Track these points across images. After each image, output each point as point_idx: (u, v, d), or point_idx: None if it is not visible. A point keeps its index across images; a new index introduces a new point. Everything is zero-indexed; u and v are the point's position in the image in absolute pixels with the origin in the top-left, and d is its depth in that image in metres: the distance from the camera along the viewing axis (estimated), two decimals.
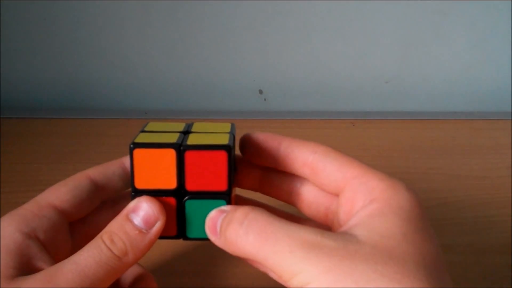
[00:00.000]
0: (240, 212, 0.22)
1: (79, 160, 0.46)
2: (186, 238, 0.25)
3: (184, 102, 0.58)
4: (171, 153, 0.23)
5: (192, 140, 0.24)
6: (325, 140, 0.53)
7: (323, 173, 0.24)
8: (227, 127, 0.26)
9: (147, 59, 0.55)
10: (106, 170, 0.26)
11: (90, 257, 0.22)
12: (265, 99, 0.59)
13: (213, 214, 0.23)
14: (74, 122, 0.51)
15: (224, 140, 0.24)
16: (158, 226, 0.23)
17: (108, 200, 0.27)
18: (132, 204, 0.23)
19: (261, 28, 0.53)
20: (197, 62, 0.56)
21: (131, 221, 0.23)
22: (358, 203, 0.22)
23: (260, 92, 0.58)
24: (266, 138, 0.25)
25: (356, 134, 0.52)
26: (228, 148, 0.23)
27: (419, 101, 0.61)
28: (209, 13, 0.51)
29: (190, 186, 0.24)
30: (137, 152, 0.23)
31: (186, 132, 0.25)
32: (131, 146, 0.23)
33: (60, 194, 0.24)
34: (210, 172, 0.23)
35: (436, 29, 0.55)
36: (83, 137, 0.49)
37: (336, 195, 0.24)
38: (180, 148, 0.23)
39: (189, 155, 0.23)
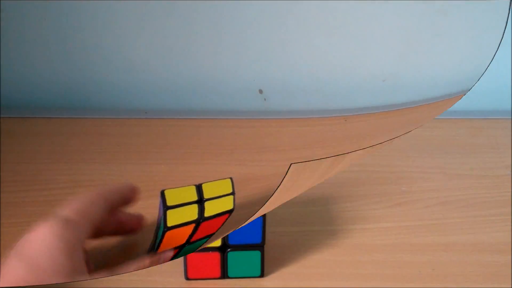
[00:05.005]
0: None
1: (79, 160, 0.46)
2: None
3: (184, 102, 0.58)
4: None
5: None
6: (326, 140, 0.53)
7: None
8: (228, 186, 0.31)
9: (147, 58, 0.55)
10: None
11: None
12: (265, 99, 0.59)
13: None
14: (74, 122, 0.51)
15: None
16: None
17: None
18: None
19: (260, 27, 0.53)
20: (196, 61, 0.55)
21: None
22: None
23: (260, 92, 0.58)
24: None
25: (357, 133, 0.52)
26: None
27: (418, 100, 0.60)
28: (209, 12, 0.51)
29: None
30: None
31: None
32: None
33: None
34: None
35: (436, 29, 0.55)
36: (83, 137, 0.49)
37: None
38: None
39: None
